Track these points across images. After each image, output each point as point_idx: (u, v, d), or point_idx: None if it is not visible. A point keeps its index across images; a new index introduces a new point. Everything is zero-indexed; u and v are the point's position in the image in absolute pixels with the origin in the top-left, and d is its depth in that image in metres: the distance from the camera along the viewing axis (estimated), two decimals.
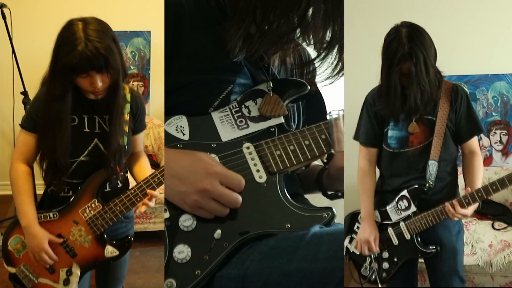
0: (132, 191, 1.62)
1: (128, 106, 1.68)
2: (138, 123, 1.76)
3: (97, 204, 1.64)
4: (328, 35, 1.12)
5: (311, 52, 1.30)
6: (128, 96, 1.68)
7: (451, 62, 3.25)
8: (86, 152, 1.63)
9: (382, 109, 1.93)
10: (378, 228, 1.99)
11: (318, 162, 1.45)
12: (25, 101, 3.40)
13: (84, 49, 1.43)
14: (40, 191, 1.75)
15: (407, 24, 1.82)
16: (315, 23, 1.09)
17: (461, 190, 1.96)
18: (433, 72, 1.83)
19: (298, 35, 1.14)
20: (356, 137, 2.07)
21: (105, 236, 1.67)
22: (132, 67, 4.14)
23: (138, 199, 1.62)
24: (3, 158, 3.99)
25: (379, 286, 2.00)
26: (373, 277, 2.02)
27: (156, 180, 1.61)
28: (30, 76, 3.42)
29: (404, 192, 1.93)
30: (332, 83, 1.22)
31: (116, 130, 1.63)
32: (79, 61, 1.44)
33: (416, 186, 1.92)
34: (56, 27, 1.54)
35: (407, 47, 1.77)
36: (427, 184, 1.89)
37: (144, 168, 1.81)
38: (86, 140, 1.64)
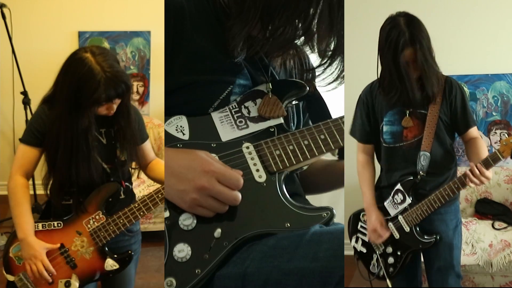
0: (136, 205, 1.63)
1: None
2: (139, 134, 1.77)
3: (101, 216, 1.65)
4: (332, 45, 1.13)
5: (315, 59, 1.32)
6: None
7: (451, 62, 3.24)
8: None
9: (399, 99, 1.89)
10: None
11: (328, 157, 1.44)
12: (25, 101, 3.40)
13: (108, 82, 1.51)
14: (40, 191, 1.76)
15: (403, 13, 1.84)
16: (320, 32, 1.10)
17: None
18: (434, 60, 1.84)
19: (302, 43, 1.16)
20: (351, 133, 2.09)
21: (107, 249, 1.67)
22: (132, 67, 4.14)
23: (141, 213, 1.64)
24: (3, 158, 3.99)
25: (388, 281, 2.03)
26: (381, 273, 2.05)
27: (160, 195, 1.62)
28: (30, 76, 3.43)
29: (398, 186, 1.95)
30: (335, 88, 1.23)
31: (124, 145, 1.68)
32: (106, 93, 1.52)
33: (408, 178, 1.93)
34: (56, 27, 1.55)
35: (408, 34, 1.77)
36: (419, 176, 1.91)
37: (161, 170, 1.80)
38: None
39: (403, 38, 1.77)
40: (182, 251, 1.08)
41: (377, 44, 1.87)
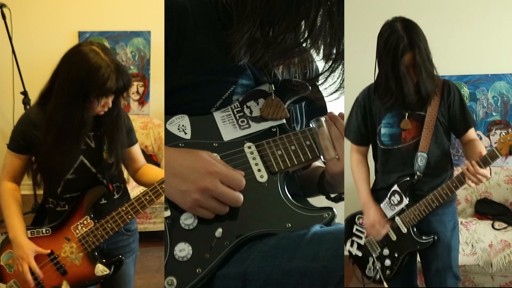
0: (124, 208, 1.60)
1: None
2: (128, 138, 1.72)
3: (89, 221, 1.62)
4: (333, 52, 1.13)
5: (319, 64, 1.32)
6: None
7: (451, 62, 3.25)
8: (72, 170, 1.62)
9: (394, 103, 1.90)
10: None
11: (319, 164, 1.45)
12: (25, 101, 3.40)
13: (117, 72, 1.50)
14: (29, 191, 1.75)
15: (399, 18, 1.84)
16: (322, 38, 1.10)
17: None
18: (432, 61, 1.85)
19: (303, 51, 1.16)
20: (345, 135, 2.09)
21: (96, 253, 1.64)
22: (132, 67, 4.14)
23: (130, 216, 1.60)
24: (3, 158, 3.98)
25: (384, 284, 2.02)
26: (378, 276, 2.04)
27: (148, 198, 1.59)
28: (30, 76, 3.43)
29: (395, 187, 1.95)
30: (338, 98, 1.23)
31: (112, 147, 1.64)
32: (117, 83, 1.51)
33: (405, 179, 1.93)
34: (56, 27, 1.54)
35: (406, 38, 1.78)
36: (415, 176, 1.91)
37: (153, 174, 1.75)
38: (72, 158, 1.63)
39: (402, 43, 1.78)
40: (183, 250, 1.08)
41: (376, 43, 1.88)
